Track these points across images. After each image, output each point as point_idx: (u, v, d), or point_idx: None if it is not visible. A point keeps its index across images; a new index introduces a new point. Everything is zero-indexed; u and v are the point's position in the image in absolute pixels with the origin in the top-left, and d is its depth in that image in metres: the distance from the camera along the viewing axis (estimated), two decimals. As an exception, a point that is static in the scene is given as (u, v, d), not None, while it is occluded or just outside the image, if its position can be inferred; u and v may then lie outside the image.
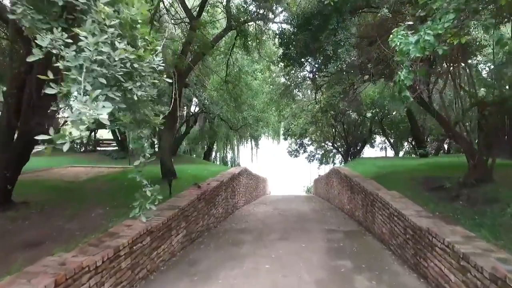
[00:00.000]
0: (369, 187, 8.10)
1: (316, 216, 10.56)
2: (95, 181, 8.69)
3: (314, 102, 15.01)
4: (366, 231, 7.82)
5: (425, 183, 7.33)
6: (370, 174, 10.66)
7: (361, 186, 8.59)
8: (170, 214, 5.67)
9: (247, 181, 14.67)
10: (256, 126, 19.74)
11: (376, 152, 24.88)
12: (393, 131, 21.68)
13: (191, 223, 6.75)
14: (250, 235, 7.62)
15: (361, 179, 9.33)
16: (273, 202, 15.68)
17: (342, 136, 23.33)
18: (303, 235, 7.48)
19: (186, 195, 7.23)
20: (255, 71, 13.78)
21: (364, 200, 8.24)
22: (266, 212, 11.64)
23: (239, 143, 30.79)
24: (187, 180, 9.30)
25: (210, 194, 8.29)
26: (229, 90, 12.58)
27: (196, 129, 25.15)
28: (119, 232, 4.40)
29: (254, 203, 14.77)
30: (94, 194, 7.20)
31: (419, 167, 10.06)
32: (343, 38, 6.12)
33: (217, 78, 12.74)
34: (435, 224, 4.66)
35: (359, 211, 8.92)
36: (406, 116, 16.90)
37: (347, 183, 10.63)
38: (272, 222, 9.36)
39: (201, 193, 7.60)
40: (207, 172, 11.47)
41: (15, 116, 6.02)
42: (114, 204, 6.23)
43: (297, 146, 25.49)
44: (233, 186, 11.38)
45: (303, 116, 18.49)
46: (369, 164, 13.63)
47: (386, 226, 6.33)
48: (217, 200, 9.06)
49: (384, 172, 10.29)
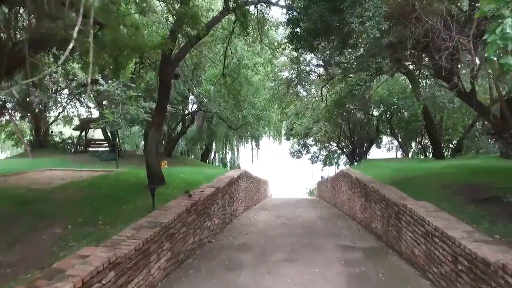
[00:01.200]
0: (391, 195, 6.85)
1: (325, 226, 9.31)
2: (67, 189, 7.45)
3: (320, 100, 13.75)
4: (389, 248, 6.56)
5: (465, 193, 6.07)
6: (385, 178, 9.42)
7: (380, 194, 7.34)
8: (148, 235, 4.41)
9: (247, 185, 13.43)
10: (256, 125, 18.51)
11: (383, 153, 23.68)
12: (401, 130, 20.46)
13: (178, 242, 5.49)
14: (251, 253, 6.37)
15: (379, 185, 8.08)
16: (275, 207, 14.46)
17: (347, 136, 22.11)
18: (315, 254, 6.23)
19: (173, 206, 5.98)
20: (256, 65, 12.52)
21: (385, 210, 6.98)
22: (268, 220, 10.40)
23: (239, 144, 29.55)
24: (177, 186, 8.06)
25: (203, 203, 7.04)
26: (227, 85, 11.32)
27: (194, 129, 23.92)
28: (67, 269, 3.14)
29: (254, 209, 13.54)
30: (60, 206, 5.96)
31: (445, 170, 8.81)
32: (371, 8, 4.81)
33: (214, 71, 11.52)
34: (505, 254, 3.40)
35: (377, 223, 7.67)
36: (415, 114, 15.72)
37: (361, 188, 9.38)
38: (276, 234, 8.11)
39: (192, 203, 6.35)
40: (202, 176, 10.22)
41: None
42: (79, 221, 4.99)
43: (299, 146, 24.29)
44: (231, 192, 10.14)
45: (308, 114, 17.22)
46: (382, 167, 12.39)
47: (420, 248, 5.07)
48: (212, 210, 7.81)
49: (403, 177, 9.03)
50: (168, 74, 7.60)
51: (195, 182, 8.85)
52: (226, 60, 10.17)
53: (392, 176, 9.51)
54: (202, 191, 7.61)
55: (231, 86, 11.55)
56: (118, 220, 5.05)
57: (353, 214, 10.51)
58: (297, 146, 24.50)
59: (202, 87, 12.40)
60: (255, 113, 17.60)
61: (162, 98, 7.74)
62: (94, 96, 14.60)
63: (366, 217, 8.73)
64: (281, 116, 17.88)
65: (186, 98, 15.64)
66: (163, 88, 7.69)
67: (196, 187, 8.15)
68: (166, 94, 7.81)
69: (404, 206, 5.83)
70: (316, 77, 13.08)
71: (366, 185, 8.73)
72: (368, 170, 12.22)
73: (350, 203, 10.98)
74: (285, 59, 13.39)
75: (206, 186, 8.31)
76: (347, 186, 11.69)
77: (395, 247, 6.31)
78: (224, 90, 12.09)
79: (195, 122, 24.12)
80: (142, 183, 7.91)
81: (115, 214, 5.42)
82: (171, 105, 12.88)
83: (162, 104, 7.77)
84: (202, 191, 7.61)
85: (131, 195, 6.76)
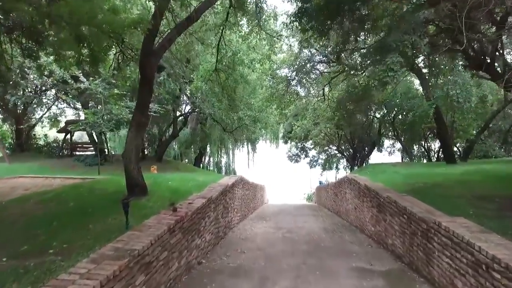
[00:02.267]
0: (415, 208, 5.78)
1: (332, 241, 8.20)
2: (26, 202, 6.25)
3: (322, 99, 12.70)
4: (414, 272, 5.47)
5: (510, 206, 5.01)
6: (399, 186, 8.37)
7: (399, 206, 6.26)
8: (112, 270, 3.26)
9: (243, 192, 12.31)
10: (253, 128, 17.38)
11: (385, 157, 22.71)
12: (404, 133, 19.50)
13: (157, 272, 4.34)
14: (249, 281, 5.23)
15: (396, 195, 7.01)
16: (274, 215, 13.35)
17: (347, 139, 21.09)
18: (326, 282, 5.11)
19: (153, 225, 4.83)
20: (253, 61, 11.44)
21: (407, 226, 5.91)
22: (267, 233, 9.28)
23: (234, 147, 28.38)
24: (162, 197, 6.90)
25: (192, 219, 5.90)
26: (220, 81, 10.19)
27: (187, 132, 22.77)
28: None
29: (251, 218, 12.41)
30: (6, 226, 4.78)
31: (468, 177, 7.78)
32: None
33: (206, 66, 10.41)
34: None
35: (394, 239, 6.59)
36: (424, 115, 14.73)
37: (371, 198, 8.32)
38: (277, 253, 6.99)
39: (177, 220, 5.21)
40: (193, 184, 9.08)
41: None
42: (22, 249, 3.81)
43: (298, 150, 23.22)
44: (226, 202, 9.01)
45: (308, 115, 16.13)
46: (390, 172, 11.35)
47: (466, 281, 3.97)
48: (203, 225, 6.67)
49: (421, 185, 7.99)
50: (150, 65, 6.45)
51: (184, 192, 7.71)
52: (219, 53, 9.04)
53: (407, 183, 8.46)
54: (191, 203, 6.46)
55: (225, 83, 10.42)
56: (77, 246, 3.92)
57: (361, 225, 9.43)
58: (295, 150, 23.44)
59: (194, 84, 11.25)
60: (252, 114, 16.51)
61: (144, 94, 6.59)
62: (75, 95, 13.39)
63: (379, 231, 7.65)
64: (279, 117, 16.80)
65: (178, 98, 14.51)
66: (145, 82, 6.56)
67: (185, 197, 7.01)
68: (148, 89, 6.67)
69: (437, 223, 4.74)
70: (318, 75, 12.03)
71: (379, 195, 7.66)
72: (375, 176, 11.17)
73: (358, 213, 9.91)
74: (284, 55, 12.37)
75: (196, 197, 7.17)
76: (353, 194, 10.63)
77: (423, 273, 5.22)
78: (218, 89, 10.95)
79: (188, 125, 22.95)
80: (121, 194, 6.75)
81: (76, 237, 4.28)
82: (160, 105, 11.74)
83: (144, 101, 6.62)
84: (190, 203, 6.46)
85: (103, 210, 5.61)
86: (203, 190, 7.96)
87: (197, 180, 10.01)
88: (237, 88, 11.53)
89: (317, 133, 17.69)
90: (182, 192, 7.61)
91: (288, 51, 12.47)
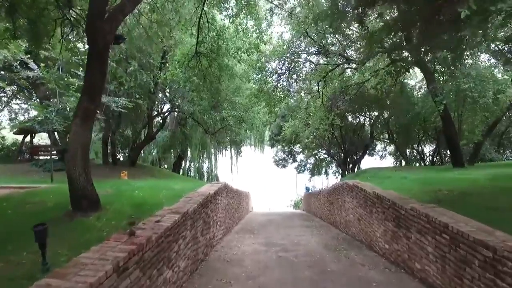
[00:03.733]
0: (462, 226, 4.32)
1: (339, 262, 6.66)
2: None
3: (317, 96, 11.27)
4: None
5: None
6: (416, 194, 7.00)
7: (436, 221, 4.79)
8: None
9: (228, 201, 10.64)
10: (238, 129, 15.73)
11: (376, 161, 21.62)
12: (398, 136, 18.43)
13: None
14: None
15: (423, 207, 5.55)
16: (262, 227, 11.78)
17: (338, 143, 19.82)
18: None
19: (91, 262, 3.09)
20: (239, 51, 9.85)
21: (450, 249, 4.44)
22: (257, 252, 7.66)
23: (217, 152, 26.59)
24: (120, 213, 5.14)
25: (158, 245, 4.19)
26: (202, 68, 8.47)
27: (166, 134, 20.87)
28: None
29: (236, 231, 10.76)
30: None
31: (501, 183, 6.44)
32: None
33: (184, 49, 8.66)
34: None
35: (426, 264, 5.11)
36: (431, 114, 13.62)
37: (384, 208, 6.87)
38: (274, 283, 5.36)
39: (132, 251, 3.48)
40: (166, 194, 7.35)
41: None
42: None
43: (285, 154, 21.73)
44: (207, 215, 7.31)
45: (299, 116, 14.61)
46: (396, 177, 10.02)
47: None
48: (176, 250, 4.97)
49: (445, 193, 6.62)
50: (103, 32, 4.72)
51: (152, 204, 5.97)
52: (201, 33, 7.36)
53: (425, 191, 7.08)
54: (159, 221, 4.74)
55: (208, 71, 8.71)
56: None
57: (368, 240, 7.98)
58: (282, 154, 21.93)
59: (169, 72, 9.37)
60: (236, 114, 14.89)
61: (93, 72, 4.85)
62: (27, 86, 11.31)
63: (398, 250, 6.18)
64: (268, 115, 15.18)
65: (153, 94, 12.66)
66: (95, 56, 4.83)
67: (152, 213, 5.28)
68: (99, 65, 4.91)
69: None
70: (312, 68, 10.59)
71: (397, 205, 6.21)
72: (379, 182, 9.81)
73: (363, 225, 8.47)
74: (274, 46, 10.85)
75: (167, 211, 5.43)
76: (355, 202, 9.20)
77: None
78: (198, 79, 9.16)
79: (169, 127, 21.05)
80: (62, 210, 4.94)
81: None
82: (129, 99, 9.91)
83: (93, 82, 4.86)
84: (158, 221, 4.74)
85: (22, 237, 3.83)
86: (177, 202, 6.22)
87: (172, 189, 8.27)
88: (222, 78, 9.79)
89: (307, 135, 16.25)
90: (150, 205, 5.87)
91: (279, 39, 10.99)
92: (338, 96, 14.48)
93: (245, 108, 14.91)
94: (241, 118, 14.70)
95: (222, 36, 7.91)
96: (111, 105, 9.42)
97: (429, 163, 18.94)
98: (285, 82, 11.12)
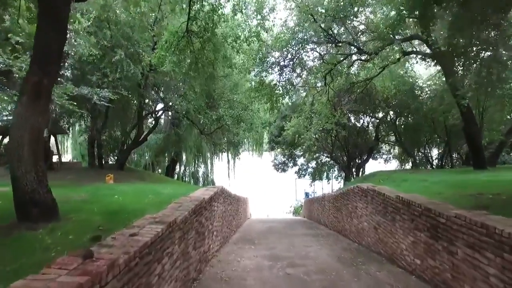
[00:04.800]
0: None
1: (361, 281, 5.51)
2: None
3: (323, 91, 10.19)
4: None
5: None
6: (450, 198, 5.89)
7: (511, 236, 3.64)
8: None
9: (225, 207, 9.47)
10: (236, 129, 14.58)
11: (380, 165, 20.53)
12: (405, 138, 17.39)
13: None
14: None
15: (472, 214, 4.41)
16: (263, 236, 10.65)
17: (341, 145, 18.73)
18: None
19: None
20: (237, 39, 8.74)
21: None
22: (261, 268, 6.48)
23: (213, 155, 25.37)
24: (86, 222, 3.94)
25: (130, 269, 3.00)
26: (193, 50, 7.26)
27: (159, 136, 19.68)
28: None
29: (235, 241, 9.61)
30: None
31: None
32: None
33: (173, 27, 7.40)
34: None
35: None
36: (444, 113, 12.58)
37: (413, 215, 5.76)
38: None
39: (80, 286, 2.27)
40: (151, 199, 6.15)
41: None
42: None
43: (285, 158, 20.58)
44: (201, 223, 6.14)
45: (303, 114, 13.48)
46: (415, 180, 8.93)
47: None
48: (159, 271, 3.78)
49: (489, 196, 5.51)
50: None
51: (131, 212, 4.77)
52: (191, 6, 6.21)
53: (461, 194, 5.98)
54: (134, 234, 3.54)
55: (201, 54, 7.50)
56: None
57: (389, 252, 6.84)
58: (282, 158, 20.77)
59: (155, 54, 8.09)
60: (234, 113, 13.78)
61: (45, 34, 3.67)
62: None
63: (436, 267, 5.04)
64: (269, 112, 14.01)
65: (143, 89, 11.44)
66: (48, 12, 3.66)
67: (128, 223, 4.08)
68: (54, 24, 3.70)
69: None
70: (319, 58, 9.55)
71: (433, 211, 5.09)
72: (393, 184, 8.78)
73: (381, 234, 7.34)
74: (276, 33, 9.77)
75: (149, 221, 4.23)
76: (371, 208, 8.10)
77: None
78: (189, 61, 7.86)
79: (162, 128, 19.86)
80: (5, 219, 3.72)
81: None
82: (114, 90, 8.70)
83: (46, 48, 3.68)
84: (133, 234, 3.54)
85: None
86: (164, 209, 5.02)
87: (161, 193, 7.08)
88: (216, 63, 8.58)
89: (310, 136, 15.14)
90: (129, 212, 4.68)
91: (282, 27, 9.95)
92: (343, 95, 13.46)
93: (243, 106, 13.80)
94: (239, 117, 13.57)
95: (217, 12, 6.77)
96: (92, 97, 8.21)
97: (436, 166, 17.94)
98: (288, 75, 10.05)
